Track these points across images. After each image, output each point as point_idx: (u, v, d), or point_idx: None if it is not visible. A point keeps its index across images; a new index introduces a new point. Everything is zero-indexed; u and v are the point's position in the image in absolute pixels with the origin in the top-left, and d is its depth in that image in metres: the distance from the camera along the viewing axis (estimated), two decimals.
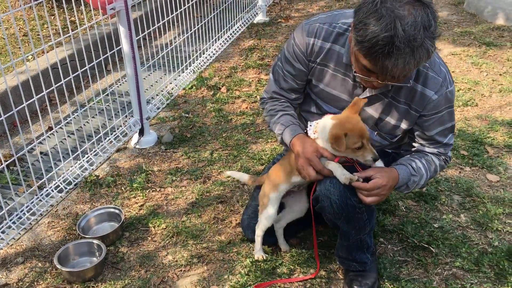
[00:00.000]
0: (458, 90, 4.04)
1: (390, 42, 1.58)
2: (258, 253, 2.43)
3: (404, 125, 2.04)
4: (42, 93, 2.71)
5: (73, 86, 3.05)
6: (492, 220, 2.65)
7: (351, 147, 1.89)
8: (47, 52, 4.23)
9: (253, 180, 2.54)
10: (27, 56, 4.39)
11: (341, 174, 1.92)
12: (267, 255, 2.44)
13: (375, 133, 2.08)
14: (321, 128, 1.99)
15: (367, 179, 1.91)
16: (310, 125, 2.06)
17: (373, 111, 2.03)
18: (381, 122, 2.05)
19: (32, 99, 2.65)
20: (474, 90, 4.05)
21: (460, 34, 5.26)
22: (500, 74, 4.31)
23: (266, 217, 2.30)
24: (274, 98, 2.26)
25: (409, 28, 1.57)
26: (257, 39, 5.36)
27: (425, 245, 2.49)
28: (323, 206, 2.02)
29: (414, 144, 2.12)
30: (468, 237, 2.55)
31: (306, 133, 2.08)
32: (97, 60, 3.10)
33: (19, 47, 4.60)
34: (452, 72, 4.37)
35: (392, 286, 2.29)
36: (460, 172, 3.07)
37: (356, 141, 1.88)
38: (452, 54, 4.75)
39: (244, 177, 2.58)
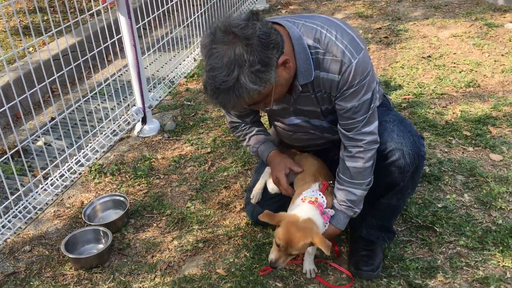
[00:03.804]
0: (460, 72, 4.03)
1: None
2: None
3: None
4: (44, 83, 2.72)
5: (75, 76, 3.06)
6: (495, 199, 2.66)
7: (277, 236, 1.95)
8: (48, 43, 4.24)
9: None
10: (29, 48, 4.40)
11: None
12: None
13: (327, 120, 2.12)
14: (296, 206, 2.04)
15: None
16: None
17: (312, 107, 2.06)
18: (325, 111, 2.06)
19: (34, 89, 2.66)
20: (476, 71, 4.03)
21: (462, 15, 5.23)
22: (502, 55, 4.29)
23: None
24: (235, 127, 2.35)
25: (216, 74, 1.65)
26: None
27: (429, 225, 2.50)
28: (394, 160, 2.01)
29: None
30: (472, 216, 2.56)
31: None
32: (98, 49, 3.11)
33: (21, 39, 4.61)
34: (454, 53, 4.35)
35: (397, 265, 2.30)
36: (463, 152, 3.07)
37: (279, 237, 1.92)
38: (454, 36, 4.72)
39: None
